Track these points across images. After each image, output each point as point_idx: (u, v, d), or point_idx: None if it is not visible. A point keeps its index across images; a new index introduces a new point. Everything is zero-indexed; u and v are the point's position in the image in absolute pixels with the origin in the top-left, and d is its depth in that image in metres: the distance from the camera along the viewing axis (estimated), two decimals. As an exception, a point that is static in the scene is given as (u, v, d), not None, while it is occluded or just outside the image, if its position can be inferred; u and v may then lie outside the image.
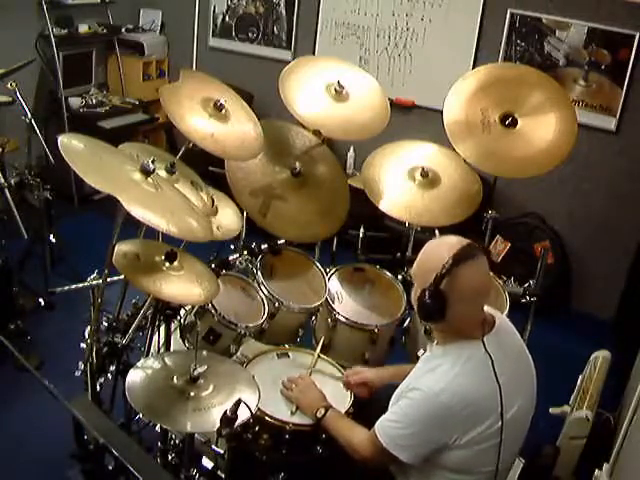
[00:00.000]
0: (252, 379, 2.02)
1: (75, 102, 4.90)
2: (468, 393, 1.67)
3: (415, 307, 1.78)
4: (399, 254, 2.91)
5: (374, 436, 1.79)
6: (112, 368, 2.24)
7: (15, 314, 3.36)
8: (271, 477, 2.05)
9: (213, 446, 2.13)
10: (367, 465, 1.87)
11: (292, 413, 2.06)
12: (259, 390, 1.95)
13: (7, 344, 1.76)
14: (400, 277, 2.76)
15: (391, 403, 1.84)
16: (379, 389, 2.22)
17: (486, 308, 1.84)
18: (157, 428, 2.27)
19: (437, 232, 2.87)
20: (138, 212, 1.79)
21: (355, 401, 2.15)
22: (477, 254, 1.71)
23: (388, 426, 1.78)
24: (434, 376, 1.73)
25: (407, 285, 2.72)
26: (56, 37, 4.67)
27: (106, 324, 2.23)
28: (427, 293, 1.69)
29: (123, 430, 2.18)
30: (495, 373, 1.67)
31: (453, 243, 1.72)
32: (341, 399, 2.15)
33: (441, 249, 1.72)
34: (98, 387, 2.23)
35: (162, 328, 2.27)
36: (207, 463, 2.19)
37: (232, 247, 2.61)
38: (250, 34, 5.13)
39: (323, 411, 1.99)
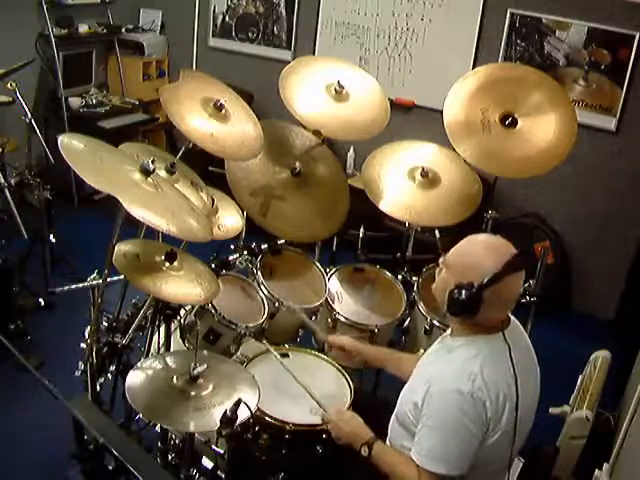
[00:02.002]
0: (252, 379, 2.02)
1: (75, 102, 4.90)
2: (492, 385, 1.66)
3: (444, 297, 1.73)
4: (399, 254, 2.91)
5: (425, 471, 1.68)
6: (112, 368, 2.24)
7: (15, 314, 3.36)
8: (271, 477, 2.05)
9: (213, 446, 2.12)
10: None
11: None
12: (259, 390, 1.95)
13: (7, 344, 1.76)
14: (400, 277, 2.76)
15: (409, 412, 1.77)
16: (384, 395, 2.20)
17: None
18: (157, 428, 2.27)
19: (437, 232, 2.88)
20: (138, 212, 1.79)
21: (354, 402, 2.15)
22: (524, 264, 1.72)
23: (434, 452, 1.67)
24: (456, 377, 1.68)
25: (407, 285, 2.72)
26: (56, 37, 4.67)
27: (106, 324, 2.23)
28: (465, 292, 1.66)
29: (123, 430, 2.18)
30: (512, 363, 1.67)
31: (503, 250, 1.71)
32: (341, 401, 2.15)
33: (493, 254, 1.69)
34: (98, 387, 2.23)
35: (162, 328, 2.27)
36: (207, 463, 2.19)
37: (232, 247, 2.61)
38: (250, 34, 5.13)
39: (367, 450, 1.83)
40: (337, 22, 4.74)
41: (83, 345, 2.21)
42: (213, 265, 2.31)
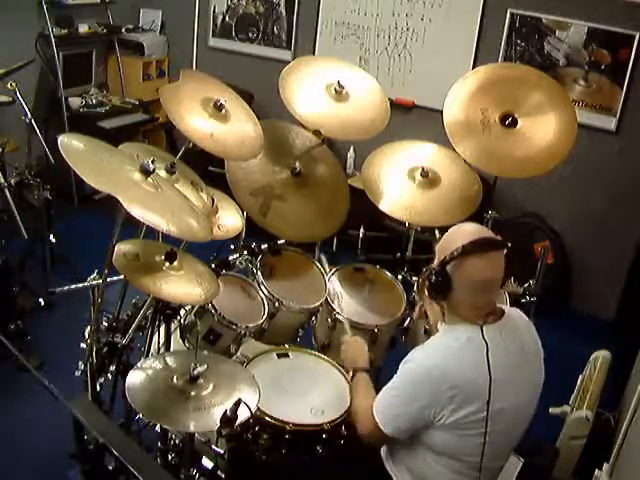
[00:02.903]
0: (252, 379, 2.02)
1: (75, 102, 4.90)
2: (458, 374, 1.70)
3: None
4: (399, 254, 2.91)
5: (371, 411, 1.84)
6: (112, 368, 2.24)
7: (15, 314, 3.36)
8: (271, 477, 2.05)
9: (213, 446, 2.12)
10: (364, 440, 1.92)
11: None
12: (259, 390, 1.95)
13: (7, 344, 1.76)
14: (400, 277, 2.76)
15: None
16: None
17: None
18: (157, 428, 2.27)
19: (437, 232, 2.88)
20: (138, 212, 1.79)
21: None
22: (491, 249, 1.75)
23: (383, 393, 1.84)
24: (428, 352, 1.80)
25: (407, 285, 2.72)
26: (56, 37, 4.67)
27: (106, 324, 2.23)
28: (433, 271, 1.77)
29: (123, 430, 2.18)
30: (488, 361, 1.69)
31: (474, 233, 1.77)
32: (341, 401, 2.14)
33: (459, 235, 1.78)
34: (98, 387, 2.23)
35: (162, 328, 2.27)
36: (207, 463, 2.19)
37: (232, 247, 2.61)
38: (250, 34, 5.13)
39: (351, 373, 2.10)
40: (337, 22, 4.74)
41: (83, 345, 2.21)
42: (213, 265, 2.31)
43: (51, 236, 3.79)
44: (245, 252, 2.56)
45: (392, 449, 1.92)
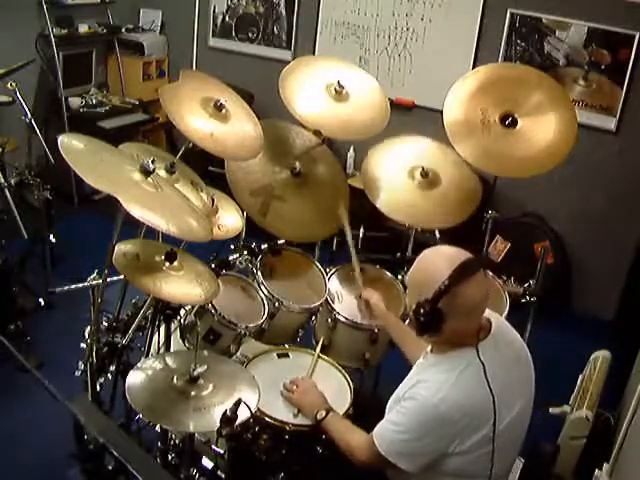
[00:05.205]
0: (252, 379, 2.02)
1: (75, 102, 4.90)
2: (465, 402, 1.66)
3: (410, 318, 1.75)
4: (399, 254, 2.91)
5: (371, 441, 1.77)
6: (112, 368, 2.24)
7: (15, 314, 3.36)
8: (271, 477, 2.05)
9: (213, 446, 2.12)
10: (364, 468, 1.86)
11: (294, 415, 2.06)
12: (259, 390, 1.95)
13: (7, 344, 1.76)
14: (400, 277, 2.76)
15: (388, 408, 1.82)
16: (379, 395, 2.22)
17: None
18: (157, 428, 2.27)
19: (437, 232, 2.88)
20: (138, 212, 1.79)
21: (354, 402, 2.16)
22: (476, 269, 1.67)
23: (387, 430, 1.76)
24: (431, 385, 1.69)
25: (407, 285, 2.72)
26: (56, 37, 4.68)
27: (106, 324, 2.23)
28: (423, 309, 1.66)
29: (123, 430, 2.18)
30: (488, 382, 1.65)
31: (453, 258, 1.66)
32: (341, 401, 2.15)
33: (439, 264, 1.67)
34: (98, 387, 2.23)
35: (162, 328, 2.27)
36: (207, 463, 2.19)
37: (232, 247, 2.61)
38: (250, 34, 5.13)
39: (324, 413, 1.98)
40: (337, 22, 4.74)
41: (83, 345, 2.21)
42: (213, 265, 2.31)
43: (51, 236, 3.79)
44: (245, 252, 2.56)
45: (400, 474, 1.82)
